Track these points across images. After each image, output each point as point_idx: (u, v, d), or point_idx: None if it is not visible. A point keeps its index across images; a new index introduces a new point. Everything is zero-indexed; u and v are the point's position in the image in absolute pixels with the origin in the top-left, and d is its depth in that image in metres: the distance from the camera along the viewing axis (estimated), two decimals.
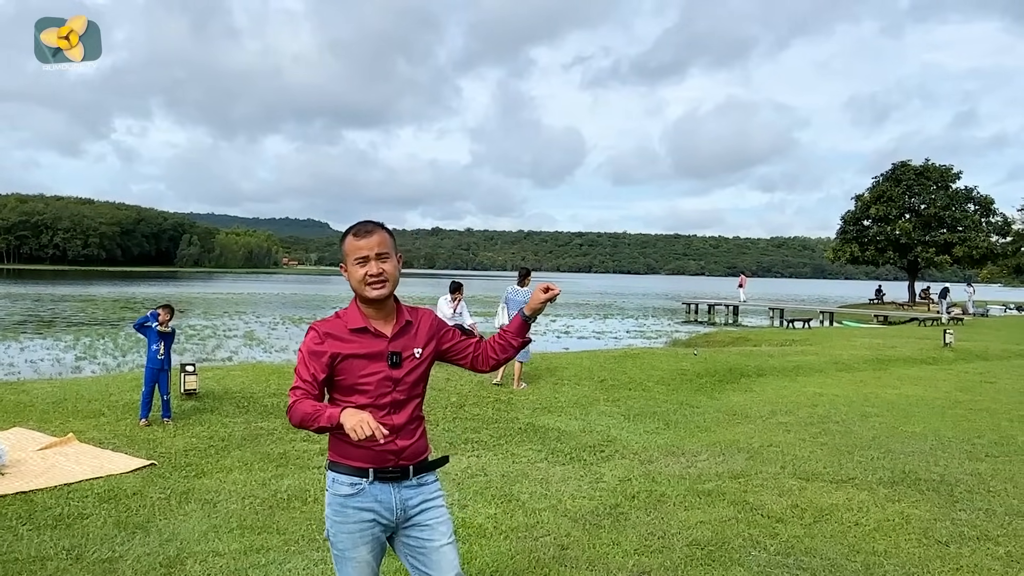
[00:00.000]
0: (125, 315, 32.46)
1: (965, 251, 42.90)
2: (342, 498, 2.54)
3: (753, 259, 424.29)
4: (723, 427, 8.58)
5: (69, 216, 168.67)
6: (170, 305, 8.48)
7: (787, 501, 5.65)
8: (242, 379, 9.99)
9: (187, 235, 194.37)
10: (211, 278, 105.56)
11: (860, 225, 47.27)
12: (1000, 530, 5.07)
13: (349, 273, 2.58)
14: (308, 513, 5.17)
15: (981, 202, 45.07)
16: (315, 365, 2.49)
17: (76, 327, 26.31)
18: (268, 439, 7.35)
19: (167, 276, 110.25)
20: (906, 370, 14.52)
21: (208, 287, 69.06)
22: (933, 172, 45.09)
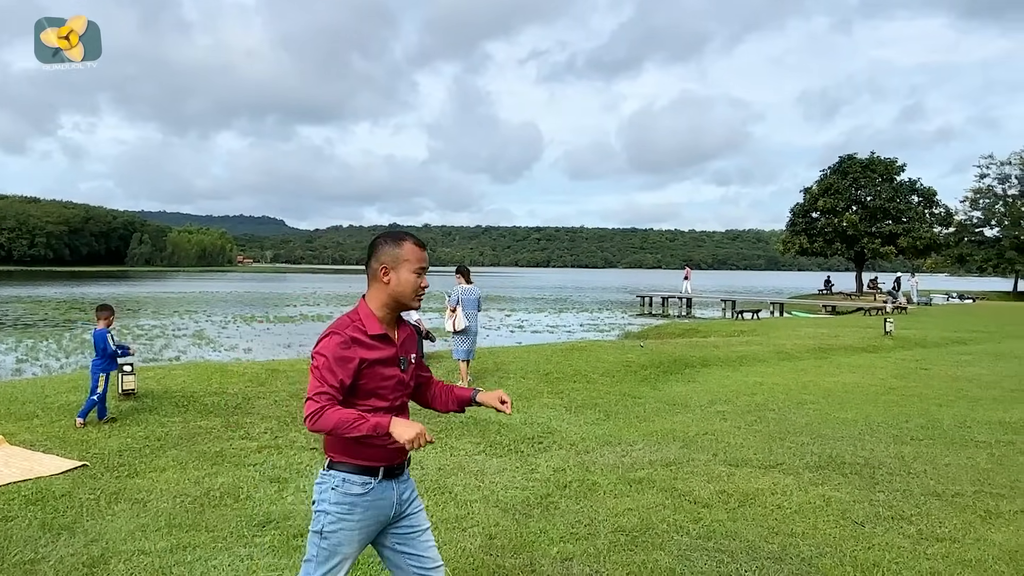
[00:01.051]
0: (73, 316, 31.81)
1: (909, 242, 44.00)
2: (353, 497, 2.59)
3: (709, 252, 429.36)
4: (662, 417, 8.73)
5: (14, 215, 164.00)
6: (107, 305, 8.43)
7: (715, 487, 5.79)
8: (183, 378, 9.89)
9: (138, 234, 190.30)
10: (163, 277, 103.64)
11: (809, 217, 48.22)
12: (915, 510, 5.26)
13: (400, 279, 2.64)
14: (239, 510, 5.17)
15: (924, 194, 46.25)
16: (343, 371, 2.50)
17: (20, 329, 25.71)
18: (206, 438, 7.30)
19: (117, 276, 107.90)
20: (846, 358, 14.88)
21: (160, 287, 67.86)
22: (878, 165, 46.14)
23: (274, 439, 7.31)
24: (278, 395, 9.30)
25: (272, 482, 5.87)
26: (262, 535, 4.67)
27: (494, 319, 32.81)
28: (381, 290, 2.66)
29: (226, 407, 8.62)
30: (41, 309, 35.39)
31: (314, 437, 7.40)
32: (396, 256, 2.64)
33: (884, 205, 44.90)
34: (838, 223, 45.27)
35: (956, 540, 4.67)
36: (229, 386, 9.56)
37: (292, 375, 10.41)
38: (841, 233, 45.62)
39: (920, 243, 44.11)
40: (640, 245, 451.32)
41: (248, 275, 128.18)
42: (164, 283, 78.18)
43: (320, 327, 27.86)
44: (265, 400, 9.03)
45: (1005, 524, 4.99)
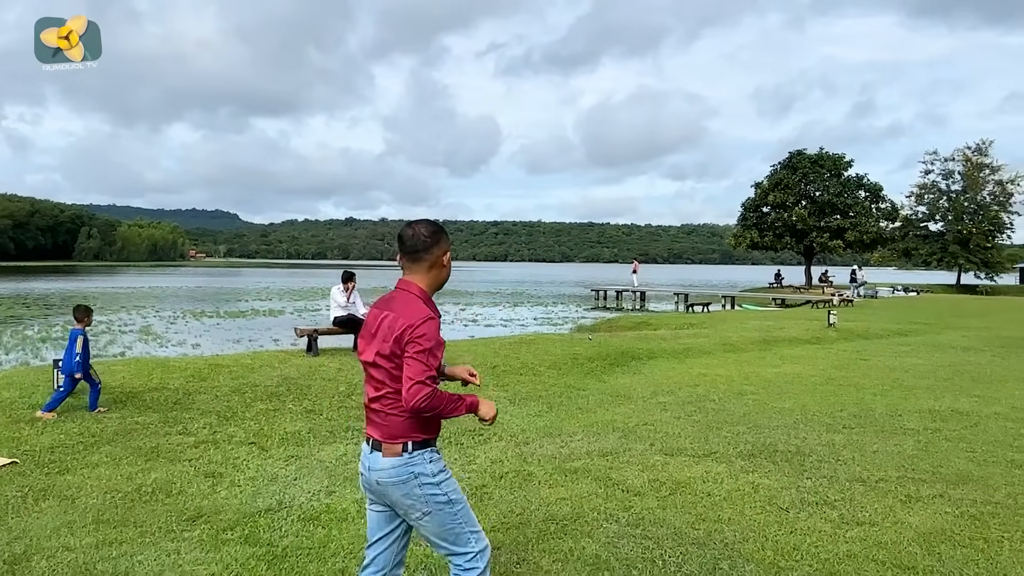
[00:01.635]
0: (17, 312, 31.04)
1: (856, 236, 44.90)
2: (442, 463, 2.86)
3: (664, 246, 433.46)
4: (604, 408, 8.84)
5: None
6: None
7: (648, 476, 5.90)
8: (123, 374, 9.72)
9: (86, 228, 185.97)
10: (113, 272, 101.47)
11: (759, 212, 48.95)
12: (839, 495, 5.42)
13: (447, 268, 2.97)
14: (170, 505, 5.13)
15: (871, 189, 47.24)
16: (441, 352, 2.77)
17: None
18: (142, 433, 7.20)
19: (65, 271, 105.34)
20: (790, 350, 15.17)
21: (109, 282, 66.45)
22: (827, 160, 46.99)
23: (212, 434, 7.24)
24: (219, 390, 9.21)
25: (207, 477, 5.83)
26: (191, 530, 4.64)
27: (448, 313, 32.75)
28: (437, 275, 2.93)
29: (165, 403, 8.51)
30: None
31: (253, 432, 7.36)
32: (445, 248, 2.94)
33: (832, 200, 45.75)
34: (788, 217, 46.04)
35: (875, 524, 4.83)
36: (170, 381, 9.44)
37: (235, 370, 10.31)
38: (791, 227, 46.39)
39: (866, 237, 45.07)
40: (597, 239, 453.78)
41: (201, 270, 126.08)
42: (113, 278, 76.55)
43: (272, 321, 27.61)
44: (206, 395, 8.94)
45: (923, 507, 5.16)
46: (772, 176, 48.30)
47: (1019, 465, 6.29)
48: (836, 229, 45.61)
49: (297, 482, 5.70)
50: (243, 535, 4.53)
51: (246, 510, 5.01)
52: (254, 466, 6.16)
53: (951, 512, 5.05)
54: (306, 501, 5.20)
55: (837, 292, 38.67)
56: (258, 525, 4.71)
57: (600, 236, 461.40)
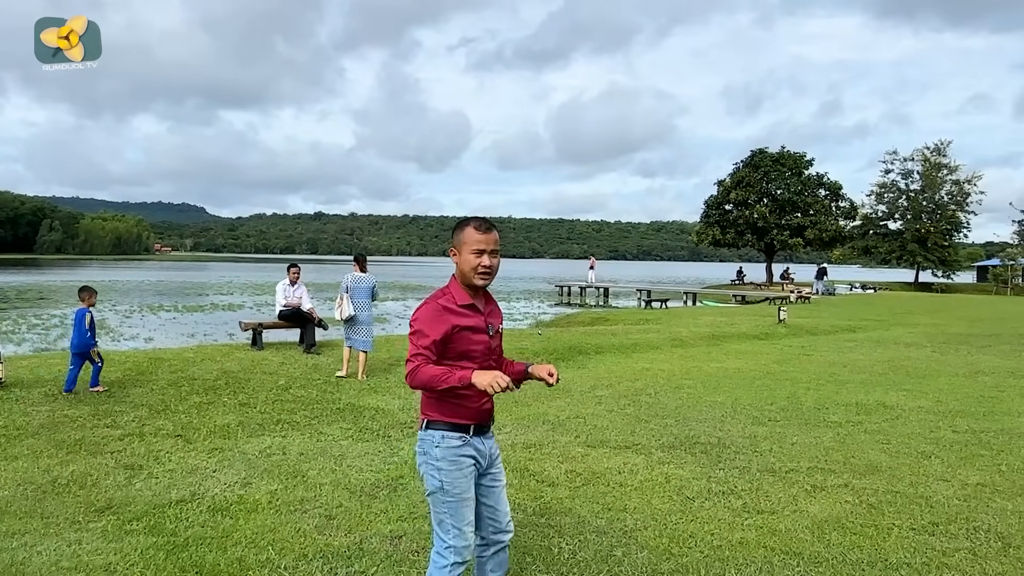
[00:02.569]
0: None
1: (816, 234, 45.59)
2: (454, 450, 2.96)
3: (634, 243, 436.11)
4: (540, 402, 8.93)
5: None
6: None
7: (566, 467, 6.00)
8: (59, 367, 9.64)
9: (48, 220, 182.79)
10: (75, 266, 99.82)
11: (722, 209, 49.49)
12: (747, 485, 5.56)
13: (463, 258, 2.98)
14: (83, 497, 5.12)
15: (831, 187, 47.97)
16: (434, 332, 2.87)
17: None
18: (70, 426, 7.16)
19: (26, 264, 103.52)
20: (737, 345, 15.41)
21: (70, 275, 65.36)
22: (788, 159, 47.63)
23: (140, 427, 7.22)
24: (156, 383, 9.18)
25: (125, 469, 5.83)
26: (97, 521, 4.66)
27: (409, 308, 32.70)
28: (458, 266, 3.03)
29: (98, 396, 8.47)
30: None
31: (181, 425, 7.36)
32: (460, 239, 3.01)
33: (793, 198, 46.41)
34: (749, 215, 46.63)
35: (775, 512, 4.97)
36: (107, 375, 9.36)
37: (175, 363, 10.27)
38: (752, 225, 46.98)
39: (826, 235, 45.78)
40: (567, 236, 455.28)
41: (166, 264, 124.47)
42: (75, 272, 75.30)
43: (230, 316, 27.40)
44: (142, 388, 8.90)
45: (825, 497, 5.32)
46: (735, 174, 48.84)
47: (928, 456, 6.49)
48: (796, 227, 46.26)
49: (215, 474, 5.72)
50: (148, 526, 4.56)
51: (157, 501, 5.03)
52: (176, 459, 6.17)
53: (851, 501, 5.22)
54: (219, 493, 5.23)
55: (797, 289, 39.21)
56: (165, 516, 4.73)
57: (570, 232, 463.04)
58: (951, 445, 6.90)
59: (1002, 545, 4.44)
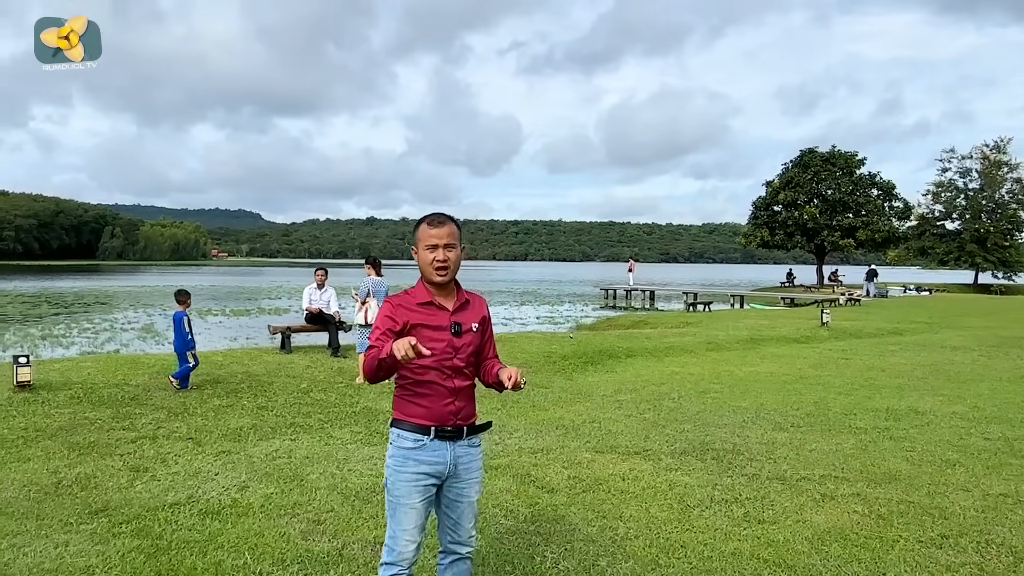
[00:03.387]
0: (44, 311, 31.46)
1: (868, 235, 44.45)
2: (405, 451, 2.91)
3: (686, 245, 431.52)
4: (559, 406, 8.82)
5: None
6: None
7: (570, 473, 5.88)
8: (89, 370, 9.85)
9: (109, 227, 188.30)
10: (135, 271, 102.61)
11: (770, 210, 48.59)
12: (752, 493, 5.37)
13: (419, 256, 2.96)
14: (82, 499, 5.17)
15: (883, 187, 46.76)
16: (387, 324, 2.87)
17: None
18: (87, 428, 7.28)
19: (89, 270, 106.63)
20: (774, 349, 15.06)
21: (128, 280, 67.19)
22: (839, 158, 46.56)
23: (156, 429, 7.30)
24: None
25: (131, 471, 5.88)
26: (89, 523, 4.69)
27: None
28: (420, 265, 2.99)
29: (122, 399, 8.60)
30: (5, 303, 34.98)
31: (196, 428, 7.42)
32: (415, 237, 3.00)
33: (844, 198, 45.34)
34: (798, 216, 45.67)
35: (776, 522, 4.79)
36: (133, 378, 9.55)
37: (202, 367, 10.38)
38: (801, 226, 46.01)
39: (878, 236, 44.58)
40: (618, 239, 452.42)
41: (222, 269, 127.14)
42: (134, 277, 77.37)
43: (274, 320, 27.75)
44: (165, 392, 9.03)
45: (834, 506, 5.11)
46: (783, 175, 47.93)
47: (952, 464, 6.21)
48: (848, 228, 45.18)
49: (216, 477, 5.74)
50: (136, 528, 4.57)
51: (152, 504, 5.06)
52: (182, 461, 6.21)
53: (860, 511, 5.00)
54: (215, 496, 5.24)
55: (847, 291, 38.32)
56: (157, 519, 4.75)
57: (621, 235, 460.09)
58: (979, 453, 6.60)
59: (1013, 560, 4.20)
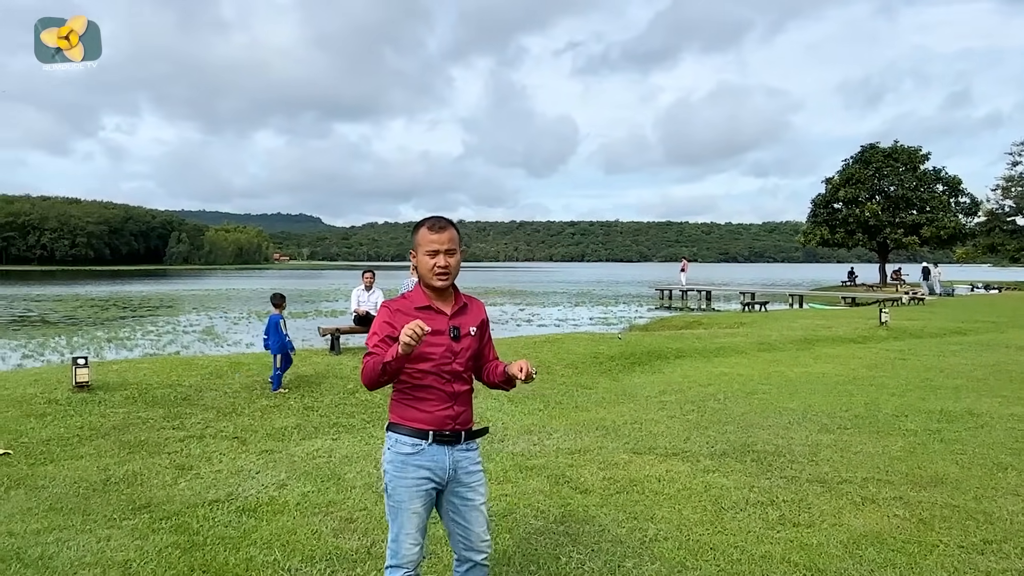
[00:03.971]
0: (114, 314, 32.56)
1: (933, 232, 43.13)
2: (404, 456, 2.91)
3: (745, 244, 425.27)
4: (601, 407, 8.78)
5: (56, 216, 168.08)
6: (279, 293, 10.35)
7: (605, 474, 5.85)
8: (145, 371, 10.15)
9: (176, 233, 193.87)
10: (200, 275, 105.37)
11: (830, 208, 47.51)
12: (790, 496, 5.27)
13: (419, 261, 2.94)
14: (127, 496, 5.34)
15: (949, 183, 45.33)
16: (386, 331, 2.83)
17: (48, 326, 26.38)
18: (139, 428, 7.51)
19: (157, 274, 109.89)
20: (829, 349, 14.72)
21: (193, 284, 69.05)
22: (901, 154, 45.31)
23: (204, 429, 7.50)
24: (231, 387, 9.52)
25: (176, 469, 6.05)
26: (132, 518, 4.84)
27: (506, 313, 32.92)
28: (417, 271, 2.98)
29: (174, 399, 8.85)
30: (66, 307, 36.26)
31: (242, 427, 7.60)
32: (415, 241, 2.97)
33: (907, 195, 44.09)
34: (860, 213, 44.54)
35: (812, 525, 4.69)
36: (186, 378, 9.80)
37: (254, 368, 10.63)
38: (863, 223, 44.87)
39: (944, 233, 43.19)
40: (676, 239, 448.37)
41: (284, 272, 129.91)
42: (199, 281, 79.49)
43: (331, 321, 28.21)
44: (216, 392, 9.25)
45: (874, 510, 4.98)
46: (844, 171, 46.83)
47: (1004, 468, 6.00)
48: (911, 225, 43.92)
49: (257, 475, 5.86)
50: (175, 525, 4.70)
51: (193, 501, 5.19)
52: (226, 460, 6.36)
53: (901, 515, 4.87)
54: (254, 494, 5.36)
55: (911, 290, 37.28)
56: (195, 516, 4.88)
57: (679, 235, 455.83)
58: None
59: None
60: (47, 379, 9.57)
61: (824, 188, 48.07)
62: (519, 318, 30.80)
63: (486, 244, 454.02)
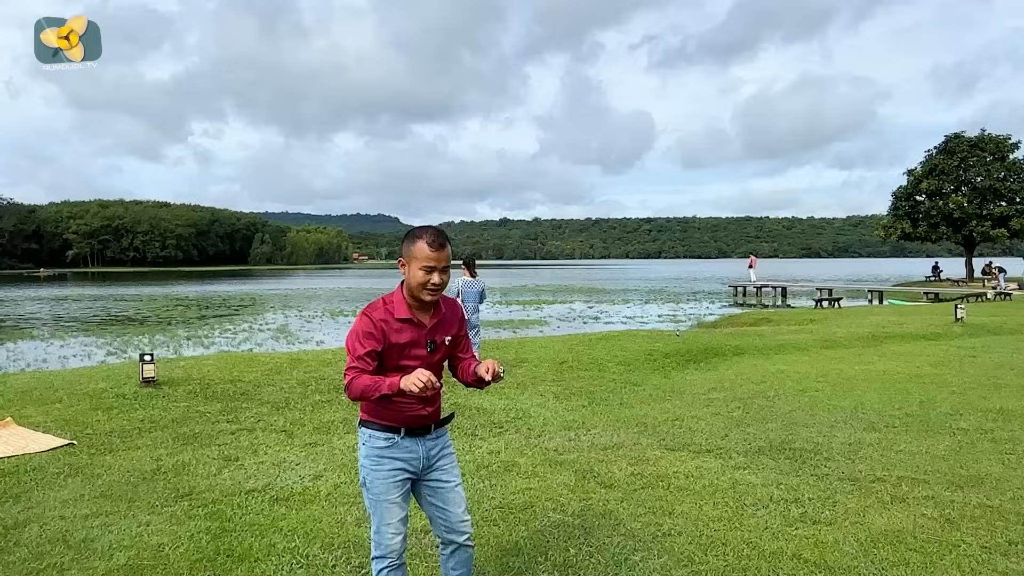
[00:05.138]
0: (194, 313, 33.94)
1: (1023, 224, 41.24)
2: (379, 450, 3.02)
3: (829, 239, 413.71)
4: (646, 404, 8.77)
5: (147, 219, 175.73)
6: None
7: (633, 469, 5.88)
8: (209, 367, 10.60)
9: (259, 234, 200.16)
10: (283, 275, 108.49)
11: (912, 200, 45.92)
12: (817, 494, 5.22)
13: (411, 273, 2.94)
14: (173, 484, 5.63)
15: None
16: (370, 344, 2.87)
17: (135, 324, 27.67)
18: (197, 421, 7.86)
19: (241, 274, 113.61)
20: (897, 346, 14.31)
21: (275, 284, 71.21)
22: (988, 143, 43.44)
23: (256, 423, 7.81)
24: (288, 383, 9.86)
25: (223, 460, 6.34)
26: (172, 505, 5.12)
27: (573, 310, 32.96)
28: (406, 278, 2.99)
29: (233, 394, 9.22)
30: (163, 306, 37.88)
31: (292, 421, 7.88)
32: (409, 252, 2.96)
33: (995, 185, 42.23)
34: (943, 206, 42.90)
35: (833, 523, 4.64)
36: (246, 374, 10.20)
37: (311, 364, 10.98)
38: (947, 216, 43.20)
39: None
40: (755, 234, 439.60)
41: (362, 271, 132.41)
42: (281, 281, 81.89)
43: None
44: (273, 387, 9.60)
45: (902, 509, 4.89)
46: (926, 162, 45.17)
47: None
48: (999, 217, 42.08)
49: (297, 466, 6.10)
50: (211, 512, 4.96)
51: (233, 490, 5.45)
52: (272, 452, 6.63)
53: (928, 514, 4.77)
54: (290, 484, 5.58)
55: (998, 285, 35.74)
56: (232, 504, 5.13)
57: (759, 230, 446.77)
58: None
59: None
60: (118, 375, 10.10)
61: (906, 180, 46.48)
62: (587, 315, 30.77)
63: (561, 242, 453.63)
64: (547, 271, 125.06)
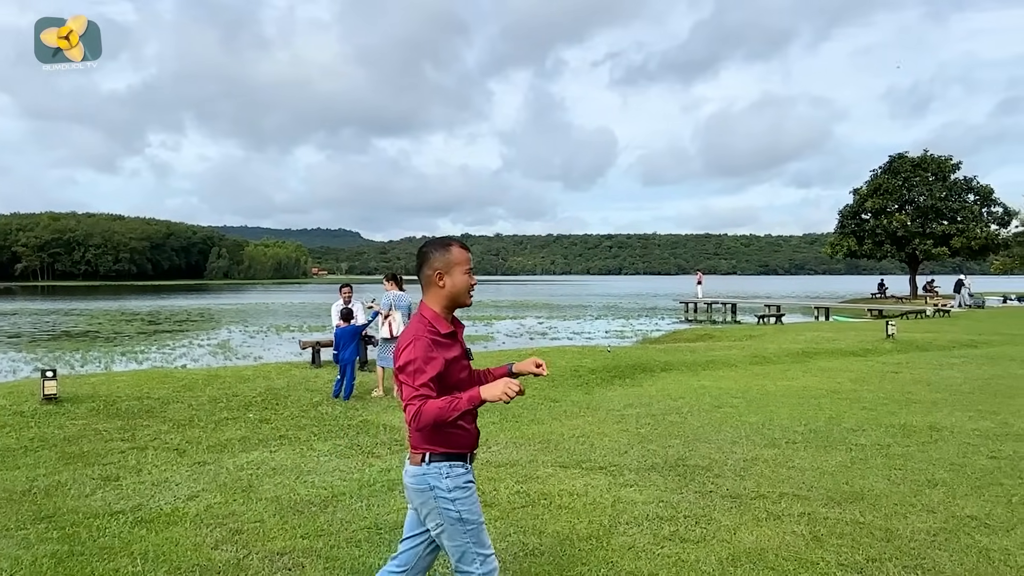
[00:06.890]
0: (136, 328, 33.21)
1: (963, 242, 42.21)
2: (464, 479, 2.84)
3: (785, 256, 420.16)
4: (558, 420, 8.72)
5: (100, 232, 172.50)
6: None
7: (519, 488, 5.80)
8: (120, 384, 10.33)
9: (216, 248, 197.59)
10: (239, 290, 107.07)
11: (858, 219, 46.78)
12: (695, 511, 5.18)
13: (453, 280, 2.88)
14: (39, 506, 5.41)
15: (981, 192, 44.35)
16: (434, 368, 2.71)
17: (71, 339, 26.98)
18: (89, 439, 7.62)
19: (197, 289, 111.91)
20: (824, 362, 14.47)
21: (228, 299, 70.13)
22: (931, 163, 44.48)
23: (151, 440, 7.59)
24: (198, 399, 9.64)
25: (101, 480, 6.12)
26: (28, 529, 4.90)
27: (523, 326, 32.89)
28: (438, 293, 2.89)
29: (137, 411, 8.98)
30: (105, 321, 37.03)
31: (189, 439, 7.68)
32: (448, 261, 2.90)
33: (937, 204, 43.22)
34: (887, 224, 43.77)
35: (701, 541, 4.60)
36: (157, 391, 9.95)
37: (228, 381, 10.76)
38: (891, 234, 44.08)
39: (975, 243, 42.23)
40: (714, 251, 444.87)
41: (321, 286, 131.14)
42: (237, 296, 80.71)
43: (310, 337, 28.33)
44: (181, 404, 9.37)
45: (775, 526, 4.87)
46: (871, 181, 46.10)
47: (935, 484, 5.84)
48: (941, 235, 43.03)
49: (177, 486, 5.92)
50: (65, 535, 4.76)
51: (98, 512, 5.25)
52: (156, 472, 6.43)
53: (797, 532, 4.75)
54: (160, 505, 5.40)
55: (939, 302, 36.50)
56: (91, 526, 4.94)
57: (717, 247, 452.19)
58: (973, 472, 6.18)
59: None
60: (21, 391, 9.79)
61: (852, 199, 47.37)
62: (536, 331, 30.72)
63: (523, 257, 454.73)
64: (509, 287, 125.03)
